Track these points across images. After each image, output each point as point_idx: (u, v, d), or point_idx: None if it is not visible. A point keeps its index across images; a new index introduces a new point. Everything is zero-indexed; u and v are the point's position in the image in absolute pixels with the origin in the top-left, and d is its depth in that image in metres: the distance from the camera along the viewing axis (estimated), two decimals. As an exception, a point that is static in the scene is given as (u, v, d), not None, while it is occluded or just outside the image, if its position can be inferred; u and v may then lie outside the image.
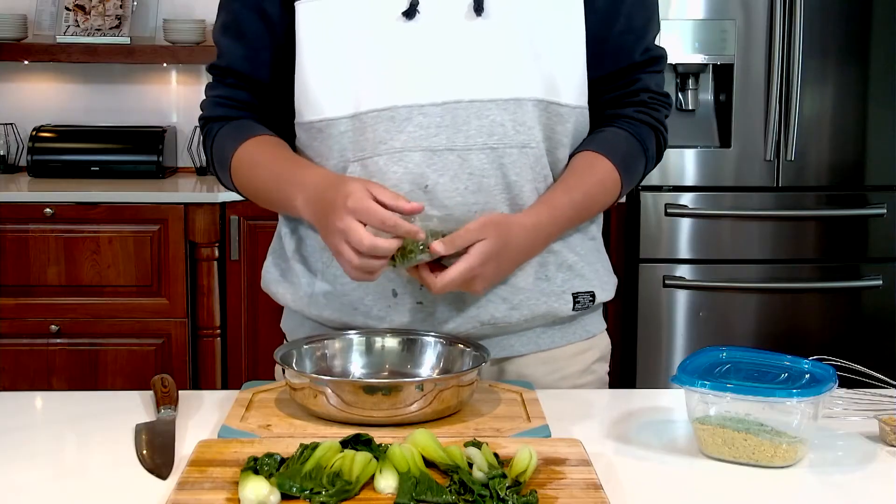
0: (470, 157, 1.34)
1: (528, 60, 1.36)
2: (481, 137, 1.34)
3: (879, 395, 1.33)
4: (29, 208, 3.13)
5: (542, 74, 1.36)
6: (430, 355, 1.36)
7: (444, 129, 1.33)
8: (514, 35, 1.35)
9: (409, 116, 1.33)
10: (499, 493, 0.98)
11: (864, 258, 3.27)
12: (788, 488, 1.09)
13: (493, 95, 1.34)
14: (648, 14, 1.47)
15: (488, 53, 1.34)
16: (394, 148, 1.34)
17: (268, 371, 1.52)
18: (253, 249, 3.23)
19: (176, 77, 3.78)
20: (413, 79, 1.33)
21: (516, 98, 1.35)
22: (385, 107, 1.33)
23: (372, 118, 1.34)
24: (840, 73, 3.20)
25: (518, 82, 1.35)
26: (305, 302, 1.44)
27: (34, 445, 1.20)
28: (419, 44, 1.34)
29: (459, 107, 1.33)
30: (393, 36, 1.34)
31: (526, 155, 1.36)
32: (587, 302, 1.44)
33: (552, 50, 1.37)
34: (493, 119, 1.34)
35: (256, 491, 0.97)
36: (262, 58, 1.43)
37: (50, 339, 3.16)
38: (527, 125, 1.36)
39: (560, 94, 1.38)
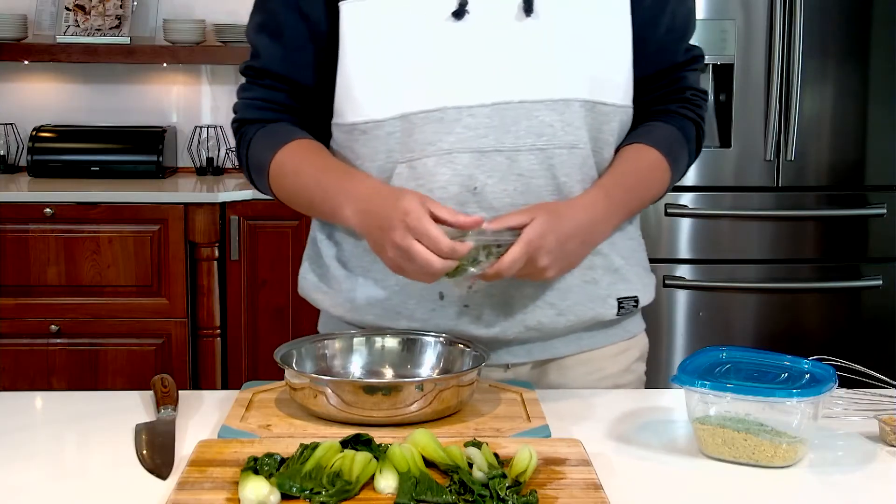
0: (519, 159, 1.33)
1: (575, 61, 1.35)
2: (530, 138, 1.33)
3: (879, 395, 1.33)
4: (29, 208, 3.14)
5: (588, 75, 1.36)
6: (430, 355, 1.36)
7: (493, 129, 1.32)
8: (563, 35, 1.34)
9: (458, 118, 1.32)
10: (499, 493, 0.98)
11: (864, 258, 3.27)
12: (788, 488, 1.09)
13: (541, 96, 1.33)
14: (688, 13, 1.48)
15: (537, 54, 1.34)
16: (442, 149, 1.33)
17: (268, 371, 1.52)
18: (253, 249, 3.23)
19: (176, 77, 3.78)
20: (461, 80, 1.32)
21: (564, 99, 1.34)
22: (434, 108, 1.32)
23: (420, 119, 1.33)
24: (840, 73, 3.20)
25: (566, 83, 1.35)
26: (347, 307, 1.43)
27: (34, 445, 1.20)
28: (468, 44, 1.32)
29: (508, 108, 1.33)
30: (441, 36, 1.32)
31: (574, 155, 1.36)
32: (631, 307, 1.44)
33: (599, 50, 1.37)
34: (541, 120, 1.34)
35: (256, 491, 0.97)
36: (301, 59, 1.41)
37: (50, 339, 3.16)
38: (574, 125, 1.35)
39: (606, 94, 1.38)
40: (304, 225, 3.23)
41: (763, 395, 1.13)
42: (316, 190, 1.36)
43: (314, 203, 1.38)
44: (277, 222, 3.23)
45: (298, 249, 3.21)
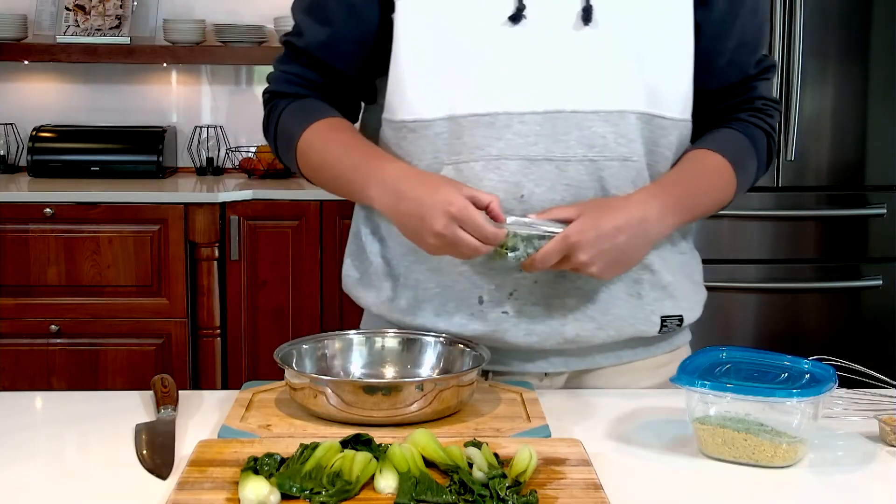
0: (568, 169, 1.31)
1: (633, 72, 1.33)
2: (581, 149, 1.31)
3: (879, 395, 1.33)
4: (29, 208, 3.14)
5: (646, 86, 1.34)
6: (430, 355, 1.36)
7: (543, 138, 1.31)
8: (621, 46, 1.32)
9: (509, 124, 1.30)
10: (499, 493, 0.98)
11: (864, 258, 3.27)
12: (788, 488, 1.09)
13: (595, 107, 1.31)
14: (760, 24, 1.46)
15: (593, 64, 1.31)
16: (490, 154, 1.31)
17: (268, 371, 1.52)
18: (253, 249, 3.23)
19: (176, 77, 3.78)
20: (514, 85, 1.31)
21: (619, 110, 1.32)
22: (484, 112, 1.31)
23: (470, 122, 1.31)
24: (840, 73, 3.20)
25: (622, 94, 1.33)
26: (387, 307, 1.42)
27: (34, 445, 1.20)
28: (523, 50, 1.30)
29: (560, 117, 1.31)
30: (496, 40, 1.30)
31: (627, 168, 1.34)
32: (674, 325, 1.43)
33: (659, 62, 1.34)
34: (594, 131, 1.31)
35: (256, 491, 0.97)
36: (342, 49, 1.40)
37: (50, 339, 3.16)
38: (628, 138, 1.33)
39: (664, 107, 1.36)
40: (304, 225, 3.23)
41: (763, 395, 1.13)
42: (341, 168, 1.36)
43: (339, 180, 1.38)
44: (277, 222, 3.23)
45: (298, 249, 3.23)
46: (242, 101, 3.80)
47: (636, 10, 1.33)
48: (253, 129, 3.80)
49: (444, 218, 1.22)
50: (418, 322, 1.39)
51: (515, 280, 1.34)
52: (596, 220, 1.26)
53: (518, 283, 1.35)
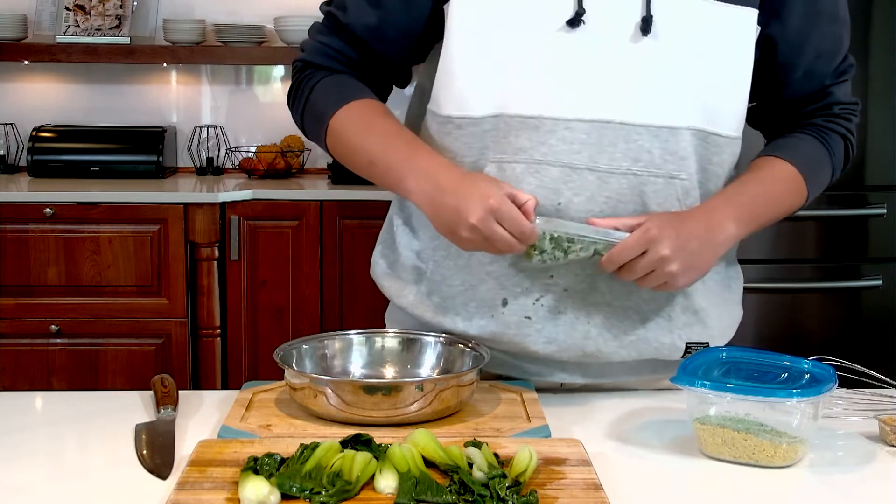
0: (610, 181, 1.29)
1: (689, 88, 1.30)
2: (626, 162, 1.29)
3: (879, 395, 1.33)
4: (29, 208, 3.13)
5: (703, 103, 1.31)
6: (430, 355, 1.36)
7: (588, 147, 1.28)
8: (680, 60, 1.29)
9: (554, 129, 1.28)
10: (499, 493, 0.98)
11: (864, 258, 3.27)
12: (788, 488, 1.09)
13: (645, 121, 1.29)
14: (839, 31, 1.41)
15: (648, 76, 1.29)
16: (532, 158, 1.29)
17: (268, 371, 1.52)
18: (253, 249, 3.23)
19: (176, 77, 3.78)
20: (563, 91, 1.28)
21: (670, 126, 1.30)
22: (530, 115, 1.29)
23: (516, 123, 1.30)
24: (840, 73, 3.20)
25: (676, 110, 1.30)
26: (409, 299, 1.41)
27: (34, 445, 1.20)
28: (577, 56, 1.28)
29: (608, 127, 1.28)
30: (551, 43, 1.28)
31: (672, 186, 1.31)
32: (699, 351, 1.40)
33: (718, 78, 1.32)
34: (640, 144, 1.29)
35: (256, 491, 0.97)
36: (387, 35, 1.38)
37: (50, 339, 3.16)
38: (678, 155, 1.31)
39: (719, 125, 1.33)
40: (304, 225, 3.23)
41: (763, 395, 1.13)
42: (378, 154, 1.33)
43: (374, 167, 1.34)
44: (277, 222, 3.23)
45: (298, 249, 3.23)
46: (242, 101, 3.80)
47: (697, 24, 1.30)
48: (253, 129, 3.80)
49: (481, 210, 1.21)
50: (438, 320, 1.38)
51: (544, 286, 1.33)
52: (673, 221, 1.24)
53: (547, 290, 1.33)
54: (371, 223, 3.22)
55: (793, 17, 1.36)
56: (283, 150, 3.60)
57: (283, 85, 3.81)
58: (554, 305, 1.33)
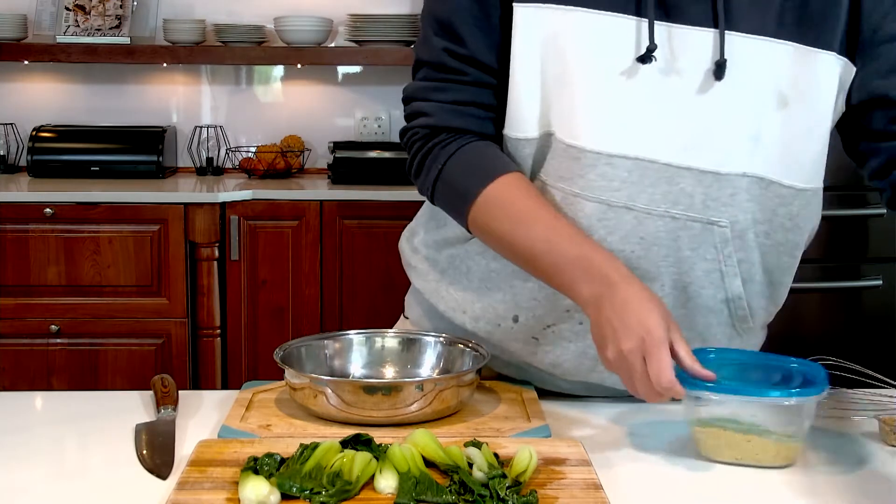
0: (647, 222, 1.23)
1: (748, 137, 1.23)
2: (665, 204, 1.23)
3: (879, 395, 1.33)
4: (29, 208, 3.14)
5: (765, 150, 1.24)
6: (430, 355, 1.36)
7: (629, 185, 1.22)
8: (744, 109, 1.23)
9: (595, 163, 1.22)
10: (499, 493, 0.98)
11: (864, 258, 3.27)
12: (788, 488, 1.09)
13: (689, 163, 1.22)
14: None
15: (706, 121, 1.22)
16: (570, 190, 1.24)
17: (268, 371, 1.52)
18: (253, 249, 3.23)
19: (176, 77, 3.78)
20: (610, 126, 1.22)
21: (716, 171, 1.22)
22: (572, 144, 1.23)
23: (559, 148, 1.24)
24: (840, 73, 3.20)
25: (728, 156, 1.23)
26: (430, 286, 1.39)
27: (34, 445, 1.20)
28: (633, 93, 1.22)
29: (651, 167, 1.22)
30: (610, 77, 1.21)
31: (710, 232, 1.24)
32: None
33: (787, 126, 1.25)
34: (682, 188, 1.23)
35: (256, 491, 0.97)
36: (494, 40, 1.26)
37: (50, 339, 3.16)
38: (721, 200, 1.24)
39: (782, 174, 1.26)
40: (304, 225, 3.23)
41: (763, 395, 1.13)
42: (544, 253, 1.20)
43: (536, 264, 1.22)
44: (277, 222, 3.23)
45: (298, 249, 3.23)
46: (242, 101, 3.80)
47: (774, 66, 1.22)
48: (253, 129, 3.80)
49: (634, 340, 1.10)
50: (449, 314, 1.37)
51: (560, 317, 1.30)
52: None
53: (561, 320, 1.30)
54: (371, 223, 3.22)
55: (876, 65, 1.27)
56: (283, 150, 3.60)
57: (283, 85, 3.81)
58: (566, 335, 1.31)
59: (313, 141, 3.75)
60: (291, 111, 3.79)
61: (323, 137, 3.72)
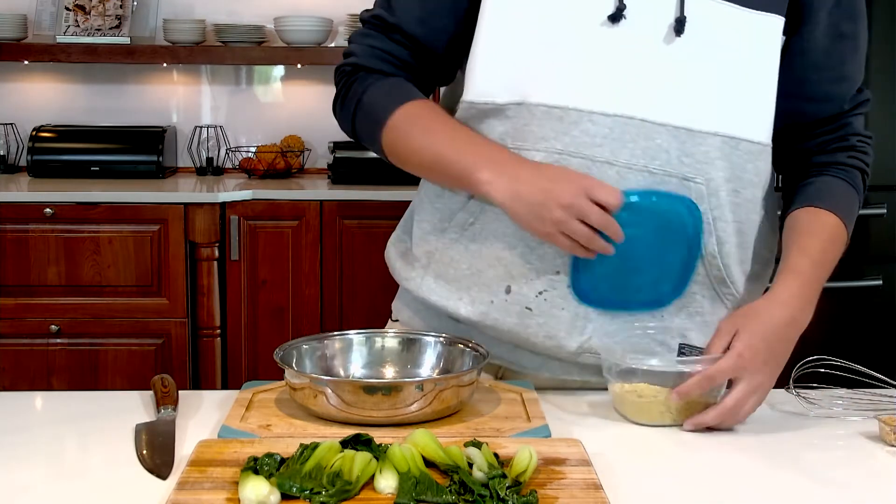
0: (628, 177, 1.29)
1: (714, 92, 1.31)
2: (644, 159, 1.29)
3: (879, 395, 1.33)
4: (29, 208, 3.14)
5: (729, 109, 1.31)
6: (430, 355, 1.36)
7: (610, 141, 1.29)
8: (706, 63, 1.30)
9: (578, 121, 1.29)
10: (499, 493, 0.98)
11: (864, 258, 3.27)
12: (788, 488, 1.09)
13: (664, 120, 1.29)
14: (860, 58, 1.43)
15: (675, 77, 1.30)
16: (554, 148, 1.29)
17: (268, 371, 1.52)
18: (253, 249, 3.23)
19: (176, 77, 3.78)
20: (590, 84, 1.29)
21: (689, 128, 1.29)
22: (556, 104, 1.29)
23: (541, 112, 1.30)
24: (840, 73, 3.20)
25: (697, 113, 1.30)
26: (417, 283, 1.41)
27: (34, 445, 1.20)
28: (607, 50, 1.29)
29: (630, 123, 1.29)
30: (584, 36, 1.29)
31: (686, 188, 1.30)
32: (694, 354, 1.37)
33: (745, 84, 1.32)
34: (658, 143, 1.29)
35: (256, 491, 0.97)
36: (438, 25, 1.38)
37: (50, 339, 3.16)
38: (695, 157, 1.30)
39: (750, 131, 1.33)
40: (304, 225, 3.23)
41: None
42: (445, 150, 1.31)
43: (440, 163, 1.32)
44: (277, 222, 3.23)
45: (298, 250, 3.23)
46: (242, 101, 3.80)
47: (727, 28, 1.30)
48: (253, 129, 3.80)
49: (574, 188, 1.20)
50: (442, 303, 1.38)
51: (550, 281, 1.33)
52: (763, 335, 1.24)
53: (552, 285, 1.33)
54: (371, 223, 3.22)
55: (816, 33, 1.37)
56: (283, 150, 3.60)
57: (283, 85, 3.81)
58: (557, 302, 1.33)
59: (313, 141, 3.75)
60: (291, 111, 3.79)
61: (323, 137, 3.72)
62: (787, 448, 1.20)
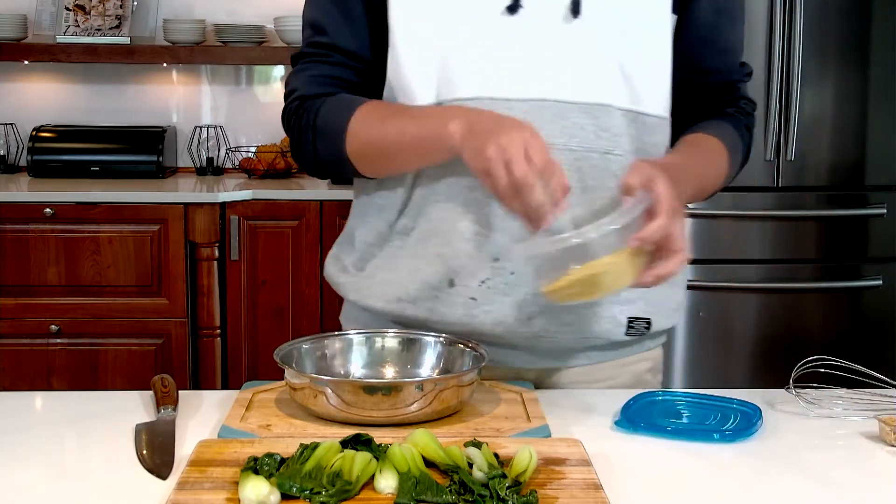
0: None
1: (615, 68, 1.35)
2: (563, 138, 1.33)
3: (879, 395, 1.33)
4: (29, 208, 3.14)
5: (629, 84, 1.36)
6: (430, 355, 1.36)
7: None
8: (605, 42, 1.35)
9: (493, 109, 1.32)
10: (499, 493, 0.98)
11: (864, 258, 3.27)
12: (788, 488, 1.09)
13: (576, 98, 1.34)
14: (741, 28, 1.50)
15: (577, 56, 1.34)
16: None
17: (268, 371, 1.53)
18: (253, 249, 3.23)
19: (176, 77, 3.78)
20: (501, 72, 1.33)
21: (601, 104, 1.34)
22: (472, 97, 1.33)
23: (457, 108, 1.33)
24: (840, 73, 3.20)
25: (605, 88, 1.35)
26: (361, 293, 1.43)
27: (34, 445, 1.20)
28: (513, 39, 1.34)
29: (543, 105, 1.33)
30: (489, 28, 1.34)
31: (608, 161, 1.35)
32: (642, 329, 1.42)
33: (640, 61, 1.37)
34: (574, 122, 1.34)
35: (256, 491, 0.97)
36: (364, 33, 1.40)
37: (50, 339, 3.16)
38: (612, 132, 1.35)
39: (647, 105, 1.38)
40: (304, 225, 3.23)
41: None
42: (410, 124, 1.33)
43: (406, 141, 1.33)
44: (277, 222, 3.23)
45: (298, 249, 3.23)
46: (242, 101, 3.80)
47: (623, 7, 1.36)
48: (253, 129, 3.80)
49: (516, 133, 1.20)
50: (389, 308, 1.40)
51: (492, 269, 1.35)
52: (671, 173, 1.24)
53: (494, 273, 1.35)
54: (371, 223, 3.22)
55: (700, 9, 1.43)
56: (283, 150, 3.60)
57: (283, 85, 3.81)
58: (501, 288, 1.35)
59: (313, 141, 3.75)
60: (291, 111, 3.79)
61: (323, 137, 3.71)
62: (787, 448, 1.20)
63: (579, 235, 1.16)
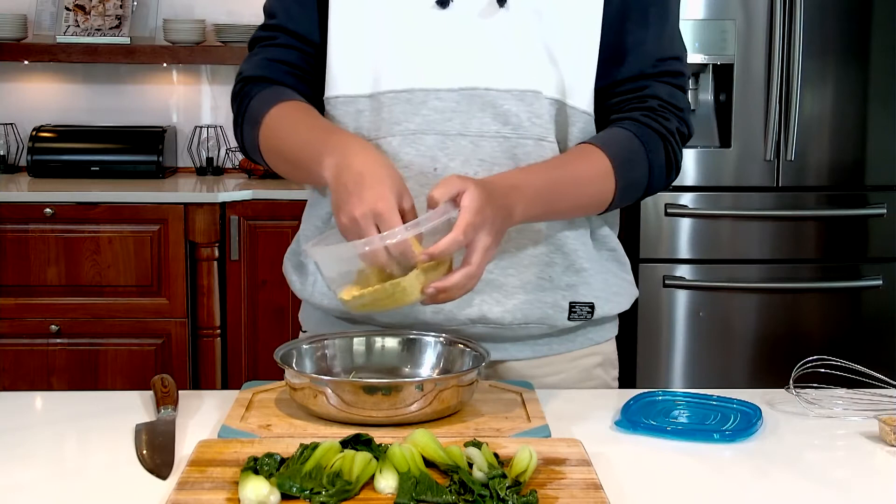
0: (482, 144, 1.35)
1: (543, 57, 1.37)
2: (495, 126, 1.35)
3: (879, 395, 1.33)
4: (29, 208, 3.14)
5: (556, 74, 1.37)
6: (430, 355, 1.36)
7: (459, 114, 1.35)
8: (532, 31, 1.36)
9: (426, 100, 1.35)
10: (499, 493, 0.98)
11: (864, 258, 3.27)
12: (788, 488, 1.09)
13: (509, 86, 1.35)
14: (664, 27, 1.42)
15: (507, 45, 1.36)
16: (408, 130, 1.36)
17: (268, 371, 1.53)
18: (253, 249, 3.23)
19: (176, 77, 3.78)
20: (432, 63, 1.36)
21: (533, 90, 1.36)
22: (403, 89, 1.36)
23: (389, 99, 1.36)
24: (840, 73, 3.20)
25: (534, 76, 1.36)
26: (310, 292, 1.45)
27: (34, 445, 1.20)
28: (442, 30, 1.36)
29: (475, 94, 1.35)
30: (419, 21, 1.36)
31: (542, 148, 1.36)
32: (584, 313, 1.42)
33: (567, 52, 1.38)
34: (507, 109, 1.35)
35: (256, 491, 0.97)
36: (313, 18, 1.42)
37: (50, 339, 3.16)
38: (543, 119, 1.37)
39: (572, 97, 1.39)
40: (304, 225, 3.23)
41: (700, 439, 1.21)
42: (304, 145, 1.34)
43: (299, 156, 1.35)
44: (277, 222, 3.23)
45: (298, 249, 3.23)
46: (242, 101, 3.80)
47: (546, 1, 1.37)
48: (253, 129, 3.80)
49: (367, 206, 1.17)
50: (335, 305, 1.41)
51: None
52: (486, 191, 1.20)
53: None
54: (371, 223, 3.22)
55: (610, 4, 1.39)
56: (283, 150, 3.60)
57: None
58: None
59: (313, 141, 3.75)
60: (291, 111, 3.79)
61: (323, 137, 3.72)
62: (787, 448, 1.20)
63: (369, 243, 1.17)
